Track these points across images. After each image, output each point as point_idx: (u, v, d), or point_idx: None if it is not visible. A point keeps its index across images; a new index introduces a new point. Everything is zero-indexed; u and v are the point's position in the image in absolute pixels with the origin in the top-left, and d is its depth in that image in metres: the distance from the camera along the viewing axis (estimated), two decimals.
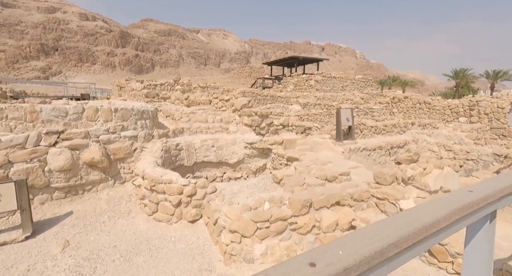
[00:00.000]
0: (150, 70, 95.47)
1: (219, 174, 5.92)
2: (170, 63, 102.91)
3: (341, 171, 4.16)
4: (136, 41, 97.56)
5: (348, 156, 8.28)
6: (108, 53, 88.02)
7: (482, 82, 30.95)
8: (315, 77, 23.43)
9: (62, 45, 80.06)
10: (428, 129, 11.13)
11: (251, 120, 6.71)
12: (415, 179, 3.74)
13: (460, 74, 22.01)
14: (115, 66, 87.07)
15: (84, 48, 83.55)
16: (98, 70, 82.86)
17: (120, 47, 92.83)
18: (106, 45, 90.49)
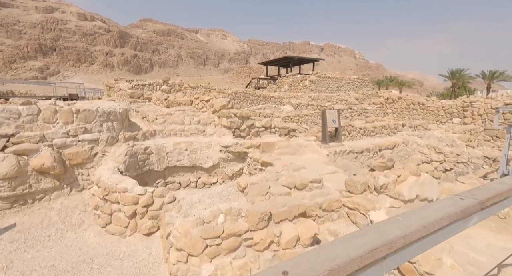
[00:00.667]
0: (149, 70, 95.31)
1: (193, 179, 5.60)
2: (169, 63, 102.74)
3: (312, 178, 3.84)
4: (134, 41, 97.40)
5: (334, 159, 7.95)
6: (107, 53, 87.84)
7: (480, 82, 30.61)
8: (310, 77, 23.12)
9: (60, 45, 79.87)
10: (420, 130, 10.80)
11: (230, 121, 6.38)
12: (388, 188, 3.42)
13: (456, 75, 21.66)
14: (114, 66, 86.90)
15: (82, 48, 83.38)
16: (96, 70, 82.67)
17: (119, 47, 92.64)
18: (105, 45, 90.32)
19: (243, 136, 6.81)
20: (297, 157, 7.05)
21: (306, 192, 3.70)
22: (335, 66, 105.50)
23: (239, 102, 18.15)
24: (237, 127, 6.59)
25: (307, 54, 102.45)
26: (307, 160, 7.16)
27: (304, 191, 3.71)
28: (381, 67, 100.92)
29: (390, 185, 3.45)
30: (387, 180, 3.42)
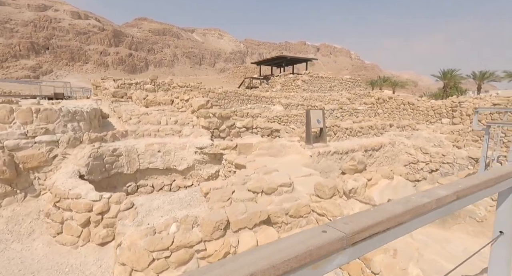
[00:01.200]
0: (144, 69, 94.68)
1: (167, 182, 5.34)
2: (164, 63, 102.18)
3: (282, 181, 3.61)
4: (129, 40, 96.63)
5: (317, 160, 7.75)
6: (101, 52, 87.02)
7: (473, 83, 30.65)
8: (302, 77, 22.94)
9: (53, 44, 78.86)
10: (408, 130, 10.66)
11: (208, 122, 6.13)
12: (358, 192, 3.20)
13: (447, 75, 21.64)
14: (108, 65, 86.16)
15: (76, 47, 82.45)
16: (90, 69, 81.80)
17: (113, 46, 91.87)
18: (99, 44, 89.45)
19: (222, 137, 6.56)
20: (276, 159, 6.82)
21: (275, 197, 3.47)
22: (331, 66, 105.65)
23: (230, 102, 17.89)
24: (216, 128, 6.34)
25: (303, 54, 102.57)
26: (286, 162, 6.94)
27: (273, 195, 3.49)
28: (377, 67, 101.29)
29: (360, 189, 3.24)
30: (357, 184, 3.20)
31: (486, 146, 4.56)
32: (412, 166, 9.39)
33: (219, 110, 6.41)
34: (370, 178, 3.33)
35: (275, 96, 19.81)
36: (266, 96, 19.32)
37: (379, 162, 9.22)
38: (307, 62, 26.87)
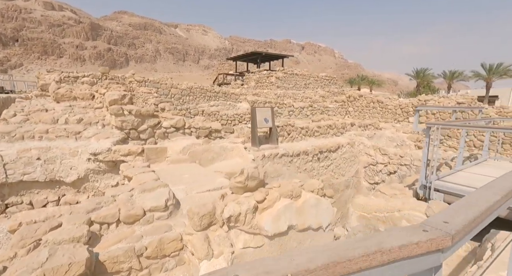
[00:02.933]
0: (124, 65, 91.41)
1: (52, 198, 4.28)
2: (146, 59, 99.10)
3: (155, 204, 2.67)
4: (108, 34, 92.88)
5: (262, 164, 6.91)
6: (77, 46, 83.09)
7: None
8: (276, 74, 22.17)
9: (23, 36, 74.22)
10: (370, 130, 10.07)
11: (121, 120, 5.11)
12: (241, 220, 2.34)
13: (420, 74, 21.61)
14: (85, 60, 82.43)
15: (49, 40, 78.14)
16: (65, 63, 77.78)
17: (91, 40, 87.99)
18: (75, 37, 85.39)
19: (143, 139, 5.56)
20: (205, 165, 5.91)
21: (139, 227, 2.53)
22: (316, 64, 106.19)
23: (195, 98, 16.81)
24: (133, 128, 5.33)
25: (288, 52, 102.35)
26: (216, 168, 6.03)
27: (136, 225, 2.55)
28: (359, 66, 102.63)
29: (245, 215, 2.37)
30: (238, 209, 2.33)
31: (426, 150, 3.88)
32: (372, 167, 8.78)
33: (138, 107, 5.40)
34: (262, 199, 2.48)
35: (246, 93, 18.92)
36: (235, 93, 18.38)
37: (337, 164, 8.54)
38: (283, 58, 26.14)
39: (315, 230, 2.98)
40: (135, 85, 14.45)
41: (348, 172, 8.95)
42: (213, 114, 11.07)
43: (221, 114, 11.29)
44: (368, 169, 8.92)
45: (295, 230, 2.75)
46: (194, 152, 6.02)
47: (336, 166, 8.52)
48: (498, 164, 4.94)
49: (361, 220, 4.18)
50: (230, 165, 6.46)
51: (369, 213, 4.08)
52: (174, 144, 5.86)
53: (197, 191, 3.38)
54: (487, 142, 5.25)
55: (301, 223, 2.76)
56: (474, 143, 9.17)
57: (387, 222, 3.89)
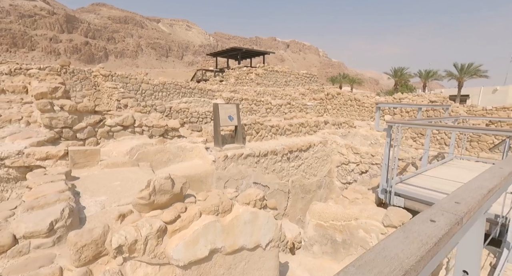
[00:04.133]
0: (103, 60, 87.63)
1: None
2: (127, 54, 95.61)
3: (31, 229, 2.00)
4: (85, 27, 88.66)
5: (224, 165, 6.39)
6: (51, 39, 78.68)
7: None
8: (256, 70, 21.66)
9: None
10: (345, 128, 9.81)
11: (48, 117, 4.38)
12: (138, 249, 1.80)
13: (398, 73, 21.90)
14: (60, 53, 78.27)
15: (20, 32, 73.34)
16: (38, 57, 73.39)
17: (66, 33, 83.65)
18: (48, 29, 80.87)
19: (81, 139, 4.85)
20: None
21: (6, 262, 1.92)
22: (301, 63, 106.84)
23: (169, 94, 15.99)
24: (67, 126, 4.61)
25: (273, 49, 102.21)
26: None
27: (2, 259, 1.94)
28: (343, 65, 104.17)
29: (148, 241, 1.83)
30: (135, 235, 1.78)
31: (387, 151, 3.52)
32: (344, 167, 8.51)
33: (74, 102, 4.68)
34: (173, 218, 1.95)
35: (223, 89, 18.30)
36: (212, 90, 17.70)
37: (308, 164, 8.19)
38: (264, 55, 25.66)
39: (252, 250, 2.50)
40: (101, 80, 13.45)
41: (321, 172, 8.63)
42: (182, 111, 10.40)
43: (191, 111, 10.64)
44: (340, 169, 8.64)
45: (222, 254, 2.25)
46: (144, 154, 5.39)
47: (307, 166, 8.16)
48: (462, 164, 4.74)
49: (318, 229, 3.76)
50: (187, 167, 5.90)
51: (326, 222, 3.66)
52: (120, 144, 5.20)
53: (119, 204, 2.80)
54: (453, 141, 5.03)
55: (230, 244, 2.27)
56: (445, 141, 9.13)
57: (344, 231, 3.49)
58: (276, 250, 2.79)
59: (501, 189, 0.87)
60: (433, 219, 0.56)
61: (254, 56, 26.54)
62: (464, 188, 0.78)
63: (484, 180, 0.86)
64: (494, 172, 0.93)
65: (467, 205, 0.65)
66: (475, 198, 0.70)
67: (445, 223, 0.55)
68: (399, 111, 11.58)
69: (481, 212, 0.77)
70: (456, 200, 0.68)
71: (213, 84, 21.37)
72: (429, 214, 0.59)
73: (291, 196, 7.91)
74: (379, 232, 3.19)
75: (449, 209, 0.62)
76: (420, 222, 0.55)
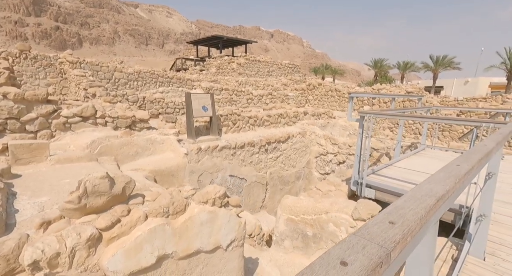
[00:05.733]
0: (77, 46, 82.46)
1: None
2: (103, 40, 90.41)
3: None
4: (55, 10, 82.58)
5: (197, 158, 6.11)
6: (16, 22, 72.67)
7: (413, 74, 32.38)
8: (238, 60, 21.09)
9: None
10: (324, 119, 9.78)
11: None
12: (62, 264, 1.53)
13: (378, 64, 22.23)
14: (27, 38, 72.67)
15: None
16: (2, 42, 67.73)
17: (33, 16, 77.51)
18: (12, 11, 74.61)
19: (32, 131, 4.37)
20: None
21: None
22: (285, 53, 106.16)
23: (145, 84, 15.19)
24: (12, 117, 4.11)
25: (257, 39, 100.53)
26: (130, 168, 5.13)
27: None
28: (326, 56, 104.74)
29: (76, 253, 1.56)
30: (57, 247, 1.50)
31: (360, 142, 3.41)
32: (323, 157, 8.49)
33: (17, 90, 4.16)
34: (110, 224, 1.69)
35: (203, 79, 17.68)
36: (192, 79, 17.03)
37: (286, 155, 8.09)
38: (246, 44, 25.01)
39: (210, 252, 2.30)
40: (68, 67, 12.46)
41: (299, 163, 8.58)
42: (157, 101, 9.87)
43: (166, 102, 10.13)
44: (319, 159, 8.63)
45: (173, 259, 2.03)
46: (108, 147, 4.99)
47: (286, 157, 8.06)
48: (433, 154, 4.80)
49: (289, 223, 3.63)
50: (157, 160, 5.56)
51: (297, 216, 3.54)
52: (79, 137, 4.77)
53: None
54: (425, 131, 5.06)
55: (183, 249, 2.05)
56: (420, 130, 9.35)
57: (315, 225, 3.39)
58: (239, 249, 2.61)
59: (456, 193, 0.70)
60: (344, 261, 0.36)
61: (237, 45, 25.82)
62: (410, 196, 0.60)
63: (437, 181, 0.68)
64: (450, 171, 0.76)
65: (405, 227, 0.45)
66: (418, 213, 0.51)
67: (360, 267, 0.34)
68: (377, 102, 11.69)
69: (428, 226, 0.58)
70: (392, 218, 0.48)
71: (193, 73, 20.60)
72: (344, 249, 0.38)
73: (269, 188, 7.81)
74: (348, 225, 3.11)
75: (376, 236, 0.42)
76: (326, 265, 0.35)
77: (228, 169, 6.58)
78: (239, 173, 6.88)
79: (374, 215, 3.45)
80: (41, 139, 4.35)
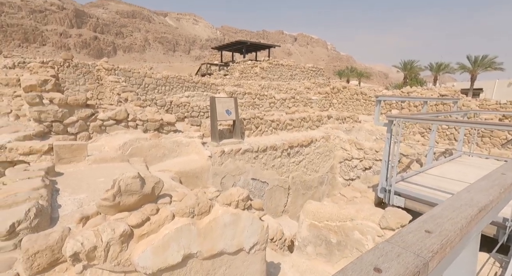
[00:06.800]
0: (112, 54, 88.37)
1: None
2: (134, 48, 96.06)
3: None
4: (94, 22, 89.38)
5: (220, 161, 6.23)
6: (61, 34, 79.78)
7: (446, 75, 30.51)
8: (261, 64, 21.29)
9: (2, 22, 70.52)
10: (349, 123, 9.48)
11: (37, 111, 4.30)
12: (98, 256, 1.66)
13: (408, 66, 21.04)
14: (70, 48, 79.33)
15: (31, 27, 74.64)
16: (49, 52, 74.58)
17: (76, 28, 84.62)
18: (58, 24, 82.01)
19: (72, 133, 4.77)
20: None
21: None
22: (308, 56, 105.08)
23: (172, 88, 15.91)
24: (57, 120, 4.53)
25: (280, 43, 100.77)
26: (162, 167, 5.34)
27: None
28: (351, 59, 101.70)
29: (110, 247, 1.68)
30: (94, 240, 1.64)
31: (388, 147, 3.26)
32: (347, 163, 8.23)
33: (61, 95, 4.58)
34: (141, 221, 1.79)
35: (227, 83, 18.08)
36: (216, 84, 17.52)
37: (309, 159, 7.95)
38: (269, 48, 25.18)
39: (233, 254, 2.33)
40: (104, 74, 13.43)
41: (323, 167, 8.38)
42: (183, 105, 10.29)
43: (191, 106, 10.51)
44: (343, 165, 8.37)
45: (198, 259, 2.09)
46: (138, 149, 5.29)
47: (308, 162, 7.93)
48: (471, 161, 4.41)
49: (312, 229, 3.56)
50: (182, 162, 5.77)
51: (321, 222, 3.46)
52: (113, 139, 5.10)
53: None
54: (462, 137, 4.69)
55: (207, 249, 2.10)
56: (455, 136, 8.69)
57: (339, 232, 3.29)
58: (262, 253, 2.61)
59: (500, 204, 0.65)
60: (378, 267, 0.35)
61: (260, 50, 26.10)
62: (448, 205, 0.57)
63: (478, 190, 0.64)
64: (494, 180, 0.70)
65: (443, 237, 0.44)
66: (458, 223, 0.48)
67: (395, 275, 0.34)
68: (407, 106, 11.12)
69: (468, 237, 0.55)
70: (428, 227, 0.46)
71: (217, 78, 21.16)
72: (377, 255, 0.38)
73: (291, 192, 7.72)
74: (375, 234, 2.97)
75: (411, 245, 0.41)
76: (358, 270, 0.35)
77: (250, 172, 6.62)
78: (261, 177, 6.89)
79: (403, 225, 3.26)
80: (80, 140, 4.73)
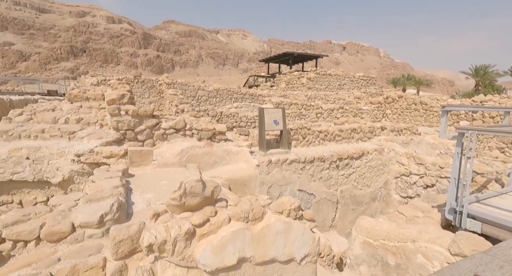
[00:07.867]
0: (170, 70, 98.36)
1: (41, 199, 4.35)
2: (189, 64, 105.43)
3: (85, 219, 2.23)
4: (157, 42, 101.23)
5: (267, 170, 6.32)
6: (131, 54, 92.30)
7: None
8: (308, 74, 21.18)
9: (89, 47, 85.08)
10: (406, 135, 8.65)
11: (116, 121, 5.09)
12: (168, 249, 1.85)
13: (480, 72, 18.18)
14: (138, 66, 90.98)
15: (109, 50, 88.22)
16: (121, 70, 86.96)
17: (143, 48, 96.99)
18: (130, 46, 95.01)
19: (141, 140, 5.48)
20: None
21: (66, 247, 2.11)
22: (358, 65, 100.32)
23: (222, 100, 16.92)
24: (130, 128, 5.27)
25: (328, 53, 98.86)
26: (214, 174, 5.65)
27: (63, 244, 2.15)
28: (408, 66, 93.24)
29: (177, 243, 1.88)
30: (165, 235, 1.85)
31: (457, 163, 2.88)
32: (404, 179, 7.50)
33: (137, 107, 5.32)
34: (202, 222, 1.97)
35: (274, 94, 18.42)
36: (263, 95, 18.02)
37: (360, 173, 7.47)
38: (317, 59, 24.93)
39: (285, 263, 2.34)
40: (164, 87, 15.06)
41: (375, 182, 7.78)
42: (232, 115, 10.83)
43: (240, 116, 10.99)
44: (399, 180, 7.64)
45: (251, 264, 2.16)
46: (193, 155, 5.75)
47: (359, 176, 7.46)
48: None
49: (365, 247, 3.34)
50: (232, 170, 6.04)
51: (376, 240, 3.23)
52: (172, 146, 5.67)
53: (163, 202, 3.00)
54: None
55: (260, 255, 2.17)
56: None
57: (398, 254, 3.01)
58: (313, 266, 2.56)
59: None
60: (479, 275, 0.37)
61: (307, 60, 26.04)
62: None
63: None
64: None
65: None
66: None
67: None
68: (480, 117, 9.70)
69: None
70: None
71: (264, 89, 21.73)
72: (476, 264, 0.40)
73: (339, 207, 7.33)
74: (444, 260, 2.64)
75: None
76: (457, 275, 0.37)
77: (297, 183, 6.55)
78: (308, 188, 6.74)
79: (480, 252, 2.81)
80: (147, 147, 5.39)
